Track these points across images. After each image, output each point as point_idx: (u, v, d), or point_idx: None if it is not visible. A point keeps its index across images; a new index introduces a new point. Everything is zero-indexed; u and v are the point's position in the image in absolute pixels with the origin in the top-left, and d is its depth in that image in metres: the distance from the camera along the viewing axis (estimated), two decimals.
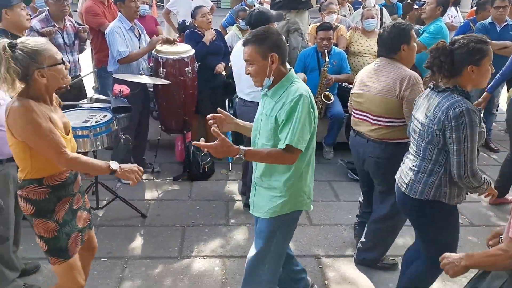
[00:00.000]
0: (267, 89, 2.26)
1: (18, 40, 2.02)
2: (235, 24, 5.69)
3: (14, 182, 2.64)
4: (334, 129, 4.89)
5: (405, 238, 3.53)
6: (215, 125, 2.28)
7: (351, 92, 3.16)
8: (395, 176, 2.60)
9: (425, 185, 2.34)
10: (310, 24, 5.77)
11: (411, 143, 2.47)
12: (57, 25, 4.10)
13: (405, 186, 2.44)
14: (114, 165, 2.15)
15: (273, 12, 3.78)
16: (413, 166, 2.40)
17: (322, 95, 4.77)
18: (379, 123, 2.91)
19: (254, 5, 6.36)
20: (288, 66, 2.29)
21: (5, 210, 2.59)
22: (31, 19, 3.80)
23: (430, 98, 2.31)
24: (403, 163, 2.55)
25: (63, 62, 2.11)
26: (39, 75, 2.01)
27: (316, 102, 4.78)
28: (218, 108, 2.43)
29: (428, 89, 2.36)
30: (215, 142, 2.10)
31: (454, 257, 1.81)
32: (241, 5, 6.27)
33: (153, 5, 9.68)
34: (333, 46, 4.86)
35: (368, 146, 3.00)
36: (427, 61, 2.33)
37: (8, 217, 2.66)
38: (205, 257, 3.36)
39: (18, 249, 3.02)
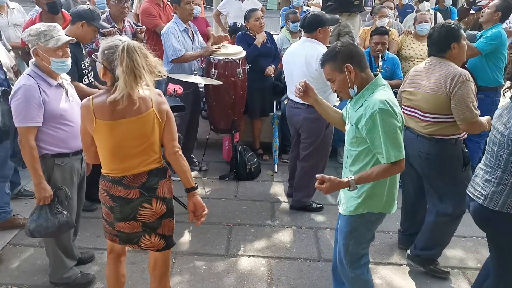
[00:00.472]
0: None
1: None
2: (284, 27, 5.72)
3: (77, 174, 2.79)
4: None
5: (455, 250, 3.44)
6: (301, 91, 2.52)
7: (400, 90, 3.20)
8: (466, 190, 2.55)
9: (507, 197, 2.29)
10: (361, 27, 5.72)
11: (486, 154, 2.41)
12: (117, 26, 4.28)
13: (483, 198, 2.37)
14: None
15: (328, 16, 3.76)
16: (492, 178, 2.34)
17: None
18: (428, 119, 2.96)
19: (301, 7, 6.36)
20: (371, 73, 2.30)
21: (70, 200, 2.74)
22: None
23: (511, 110, 2.27)
24: (476, 175, 2.49)
25: None
26: None
27: None
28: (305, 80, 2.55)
29: (509, 100, 2.31)
30: (325, 184, 2.18)
31: None
32: (290, 7, 6.30)
33: (201, 6, 9.86)
34: (387, 51, 4.79)
35: (417, 141, 3.05)
36: (508, 71, 2.35)
37: (72, 207, 2.81)
38: (251, 257, 3.40)
39: (76, 238, 3.17)
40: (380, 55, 4.63)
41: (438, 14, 6.36)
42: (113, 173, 2.24)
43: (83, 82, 3.44)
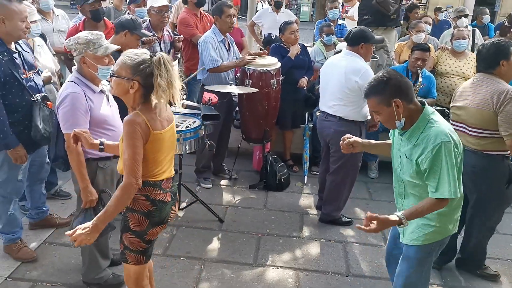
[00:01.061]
0: (400, 129, 2.26)
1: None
2: (319, 39, 5.74)
3: (116, 176, 2.88)
4: None
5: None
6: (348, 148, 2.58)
7: (451, 105, 3.27)
8: None
9: None
10: (396, 42, 5.69)
11: None
12: (156, 35, 4.39)
13: None
14: None
15: (376, 36, 3.79)
16: None
17: None
18: (475, 133, 3.03)
19: (336, 20, 6.38)
20: (418, 102, 2.24)
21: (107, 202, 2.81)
22: None
23: None
24: None
25: None
26: None
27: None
28: (348, 135, 2.60)
29: None
30: (373, 225, 2.14)
31: None
32: (325, 20, 6.32)
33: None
34: (424, 69, 4.74)
35: (465, 155, 2.98)
36: None
37: None
38: (279, 267, 3.40)
39: (109, 239, 3.25)
40: (419, 71, 4.59)
41: (477, 31, 6.26)
42: (154, 178, 2.26)
43: None
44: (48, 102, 3.06)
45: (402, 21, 6.42)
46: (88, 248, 2.92)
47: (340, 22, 6.37)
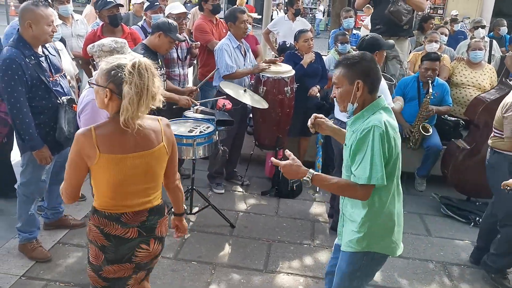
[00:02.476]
0: (350, 116, 2.19)
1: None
2: (333, 48, 5.76)
3: None
4: (429, 160, 4.73)
5: None
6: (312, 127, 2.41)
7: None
8: None
9: None
10: (410, 51, 5.68)
11: None
12: None
13: None
14: None
15: (388, 41, 3.80)
16: None
17: (420, 126, 4.65)
18: (493, 133, 3.36)
19: (351, 30, 6.39)
20: (377, 97, 2.16)
21: None
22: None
23: None
24: None
25: None
26: None
27: (413, 132, 4.71)
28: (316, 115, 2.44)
29: None
30: (285, 161, 2.10)
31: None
32: (340, 29, 6.34)
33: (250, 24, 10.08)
34: (436, 77, 4.73)
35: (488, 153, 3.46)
36: None
37: None
38: (289, 274, 3.40)
39: None
40: (430, 81, 4.57)
41: (494, 42, 6.22)
42: (111, 209, 2.00)
43: None
44: (73, 105, 3.13)
45: (416, 31, 6.41)
46: None
47: (355, 31, 6.38)
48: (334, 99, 2.21)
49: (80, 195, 2.10)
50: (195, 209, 4.08)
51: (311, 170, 2.08)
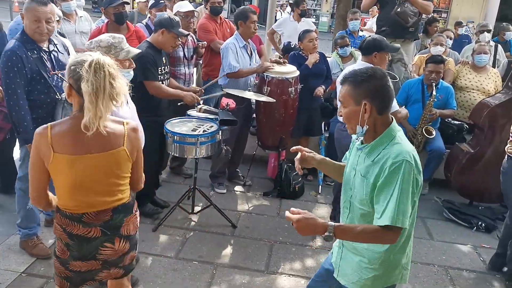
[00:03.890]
0: (361, 142, 1.97)
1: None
2: (335, 51, 5.74)
3: None
4: (432, 164, 4.71)
5: None
6: (298, 166, 2.14)
7: None
8: None
9: None
10: (415, 54, 5.66)
11: None
12: (181, 40, 4.43)
13: None
14: None
15: (389, 43, 3.77)
16: None
17: (423, 129, 4.63)
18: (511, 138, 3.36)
19: (357, 32, 6.37)
20: (390, 118, 1.95)
21: None
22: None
23: None
24: None
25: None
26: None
27: (416, 135, 4.69)
28: (300, 147, 2.18)
29: None
30: (298, 215, 1.80)
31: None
32: (346, 31, 6.32)
33: None
34: (441, 80, 4.71)
35: None
36: None
37: None
38: (291, 276, 3.39)
39: None
40: (434, 84, 4.56)
41: (499, 46, 6.20)
42: (72, 210, 1.98)
43: None
44: None
45: (421, 34, 6.39)
46: None
47: (361, 33, 6.36)
48: (340, 118, 2.00)
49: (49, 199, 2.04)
50: (197, 209, 4.07)
51: (330, 222, 1.79)
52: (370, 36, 3.87)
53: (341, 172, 2.14)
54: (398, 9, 4.95)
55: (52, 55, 3.10)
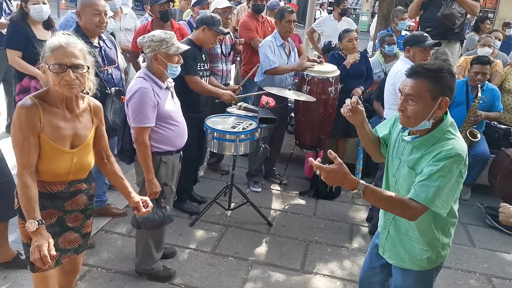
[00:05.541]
0: (408, 133, 2.00)
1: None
2: (378, 51, 5.65)
3: (177, 171, 2.96)
4: (475, 168, 4.55)
5: None
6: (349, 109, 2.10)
7: None
8: None
9: None
10: (461, 55, 5.49)
11: None
12: (218, 36, 4.48)
13: None
14: (31, 225, 1.86)
15: (428, 41, 3.68)
16: None
17: (467, 132, 4.49)
18: None
19: (400, 32, 6.24)
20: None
21: (168, 194, 2.89)
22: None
23: None
24: None
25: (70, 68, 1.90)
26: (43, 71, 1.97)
27: None
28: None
29: None
30: (330, 165, 1.78)
31: None
32: (388, 30, 6.20)
33: None
34: (486, 82, 4.55)
35: None
36: None
37: (170, 202, 2.99)
38: (326, 276, 3.36)
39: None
40: (479, 85, 4.41)
41: None
42: None
43: None
44: (122, 96, 3.21)
45: (472, 32, 6.19)
46: (144, 239, 3.02)
47: (404, 33, 6.23)
48: (401, 112, 1.95)
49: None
50: (233, 205, 4.11)
51: (362, 181, 1.82)
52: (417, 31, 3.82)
53: (373, 142, 2.24)
54: (445, 11, 4.82)
55: (102, 51, 3.21)
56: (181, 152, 3.02)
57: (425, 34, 3.70)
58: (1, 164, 2.78)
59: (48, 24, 3.86)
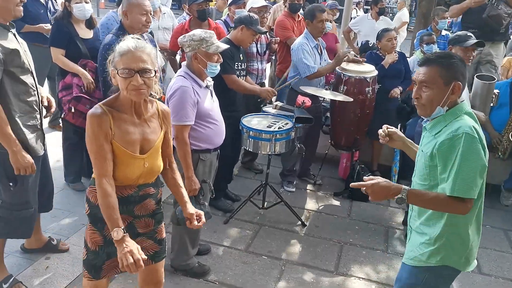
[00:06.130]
0: (428, 120, 2.02)
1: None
2: (418, 49, 5.52)
3: (214, 169, 3.00)
4: None
5: None
6: (384, 137, 2.27)
7: None
8: None
9: None
10: (505, 55, 5.31)
11: None
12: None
13: None
14: (116, 233, 1.85)
15: (469, 41, 3.60)
16: None
17: (510, 135, 4.33)
18: None
19: (441, 31, 6.08)
20: (459, 99, 2.00)
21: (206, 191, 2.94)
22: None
23: None
24: None
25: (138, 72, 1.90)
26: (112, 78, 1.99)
27: (501, 141, 4.40)
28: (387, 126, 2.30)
29: None
30: (372, 180, 1.92)
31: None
32: (427, 29, 6.06)
33: (332, 23, 9.96)
34: None
35: None
36: None
37: (208, 199, 3.03)
38: (361, 279, 3.32)
39: None
40: None
41: None
42: None
43: None
44: (161, 95, 3.27)
45: None
46: (180, 235, 3.06)
47: (444, 32, 6.07)
48: (416, 100, 2.00)
49: None
50: (267, 204, 4.11)
51: (404, 186, 1.89)
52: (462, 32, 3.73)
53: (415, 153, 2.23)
54: (491, 12, 4.66)
55: None
56: (219, 150, 3.05)
57: (469, 34, 3.60)
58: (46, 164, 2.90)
59: (90, 23, 3.96)
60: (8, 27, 2.53)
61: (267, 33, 4.88)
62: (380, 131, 2.27)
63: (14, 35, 2.57)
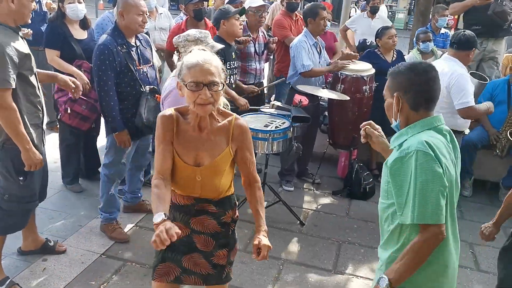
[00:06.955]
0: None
1: None
2: (415, 47, 5.52)
3: None
4: None
5: None
6: (365, 136, 2.11)
7: None
8: None
9: None
10: (505, 52, 5.29)
11: None
12: (252, 35, 4.50)
13: None
14: (157, 217, 1.77)
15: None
16: None
17: (508, 132, 4.32)
18: None
19: (440, 29, 6.07)
20: (431, 114, 1.80)
21: None
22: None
23: None
24: None
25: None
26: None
27: (499, 139, 4.38)
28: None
29: None
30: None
31: None
32: (426, 28, 6.05)
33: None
34: None
35: None
36: None
37: None
38: (359, 277, 3.32)
39: None
40: None
41: None
42: None
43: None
44: (156, 95, 3.27)
45: None
46: None
47: (443, 30, 6.06)
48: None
49: None
50: (265, 204, 4.10)
51: (382, 276, 1.74)
52: (464, 30, 3.71)
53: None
54: (496, 8, 4.65)
55: (138, 50, 3.28)
56: None
57: (471, 33, 3.61)
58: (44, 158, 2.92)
59: (84, 24, 3.96)
60: (17, 30, 2.63)
61: (266, 33, 4.88)
62: (361, 130, 2.13)
63: (22, 38, 2.67)
